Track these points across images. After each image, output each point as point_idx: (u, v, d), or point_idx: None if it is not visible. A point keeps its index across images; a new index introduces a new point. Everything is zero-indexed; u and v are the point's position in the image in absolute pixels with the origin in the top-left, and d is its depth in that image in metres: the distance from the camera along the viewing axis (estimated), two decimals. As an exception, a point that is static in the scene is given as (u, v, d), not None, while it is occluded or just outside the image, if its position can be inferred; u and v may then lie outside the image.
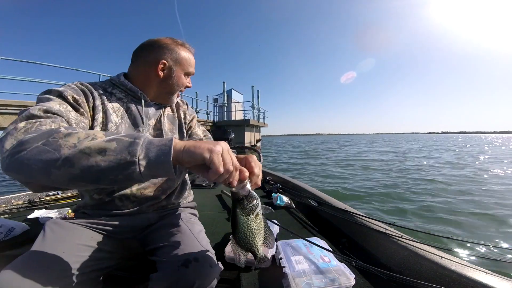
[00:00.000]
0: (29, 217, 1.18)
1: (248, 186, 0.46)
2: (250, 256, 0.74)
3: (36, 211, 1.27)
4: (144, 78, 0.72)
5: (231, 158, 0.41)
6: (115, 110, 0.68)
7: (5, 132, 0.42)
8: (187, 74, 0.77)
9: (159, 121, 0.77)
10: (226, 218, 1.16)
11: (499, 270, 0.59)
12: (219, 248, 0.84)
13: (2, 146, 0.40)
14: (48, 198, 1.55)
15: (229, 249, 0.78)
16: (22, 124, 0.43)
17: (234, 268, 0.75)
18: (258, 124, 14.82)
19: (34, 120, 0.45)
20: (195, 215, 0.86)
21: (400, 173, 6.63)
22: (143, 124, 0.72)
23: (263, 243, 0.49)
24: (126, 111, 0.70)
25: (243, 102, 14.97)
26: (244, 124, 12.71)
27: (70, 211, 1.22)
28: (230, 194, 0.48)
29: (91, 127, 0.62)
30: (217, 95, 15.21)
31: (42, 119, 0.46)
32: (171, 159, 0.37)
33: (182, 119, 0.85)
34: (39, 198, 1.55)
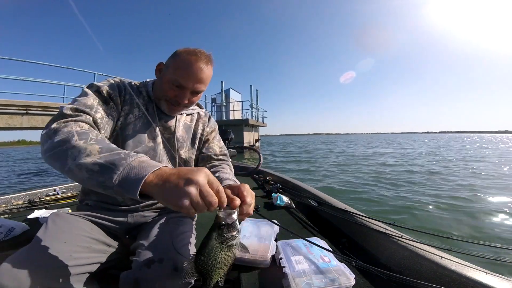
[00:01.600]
0: (29, 217, 1.18)
1: (235, 216, 0.44)
2: (250, 256, 0.75)
3: (36, 211, 1.27)
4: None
5: (214, 189, 0.41)
6: (139, 106, 0.75)
7: (44, 130, 0.53)
8: (177, 84, 0.68)
9: (173, 126, 0.80)
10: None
11: (499, 270, 0.59)
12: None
13: (41, 144, 0.52)
14: (48, 198, 1.55)
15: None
16: (54, 126, 0.53)
17: (234, 268, 0.75)
18: (256, 124, 14.82)
19: (63, 120, 0.55)
20: (190, 218, 0.84)
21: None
22: (154, 123, 0.76)
23: (219, 277, 0.47)
24: (147, 109, 0.76)
25: (242, 101, 14.97)
26: (242, 124, 12.71)
27: (70, 211, 1.22)
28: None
29: (118, 117, 0.72)
30: (215, 94, 15.21)
31: (69, 119, 0.56)
32: (137, 194, 0.39)
33: (199, 131, 0.87)
34: (39, 198, 1.56)
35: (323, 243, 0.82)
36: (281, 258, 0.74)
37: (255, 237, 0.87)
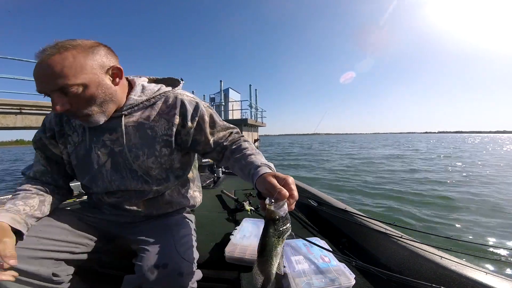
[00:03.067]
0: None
1: (286, 207, 0.43)
2: (250, 256, 0.75)
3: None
4: None
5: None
6: (76, 129, 0.67)
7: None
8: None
9: (120, 135, 0.65)
10: (226, 218, 1.16)
11: (499, 270, 0.59)
12: (219, 248, 0.84)
13: None
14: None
15: (229, 249, 0.78)
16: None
17: (234, 268, 0.75)
18: (256, 124, 14.81)
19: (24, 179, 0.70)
20: (189, 219, 0.80)
21: None
22: (92, 143, 0.66)
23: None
24: (87, 126, 0.65)
25: (241, 101, 14.95)
26: (241, 124, 12.70)
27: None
28: (233, 196, 0.47)
29: (61, 152, 0.70)
30: (214, 94, 15.16)
31: (30, 180, 0.68)
32: None
33: (163, 129, 0.67)
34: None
35: (323, 243, 0.82)
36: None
37: (255, 237, 0.87)
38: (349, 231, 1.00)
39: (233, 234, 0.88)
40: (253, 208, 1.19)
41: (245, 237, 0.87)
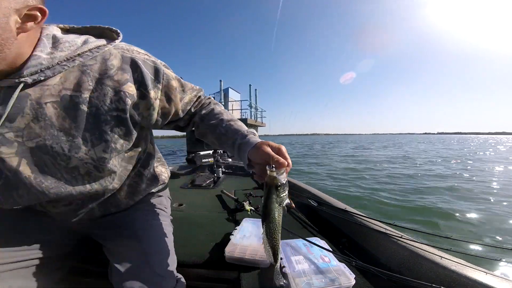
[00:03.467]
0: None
1: (285, 174, 0.45)
2: (250, 256, 0.75)
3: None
4: None
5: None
6: None
7: None
8: None
9: (26, 118, 0.42)
10: (226, 218, 1.16)
11: (499, 270, 0.59)
12: (219, 248, 0.84)
13: None
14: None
15: (229, 249, 0.78)
16: None
17: (234, 268, 0.75)
18: (256, 124, 14.81)
19: None
20: (161, 207, 0.69)
21: None
22: None
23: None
24: None
25: (241, 101, 14.96)
26: (241, 123, 12.69)
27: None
28: (233, 196, 0.48)
29: None
30: (213, 93, 15.16)
31: None
32: None
33: (118, 97, 0.47)
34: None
35: (323, 243, 0.82)
36: (281, 258, 0.74)
37: (255, 237, 0.87)
38: (349, 231, 1.00)
39: (233, 234, 0.88)
40: (253, 208, 1.19)
41: (245, 237, 0.87)
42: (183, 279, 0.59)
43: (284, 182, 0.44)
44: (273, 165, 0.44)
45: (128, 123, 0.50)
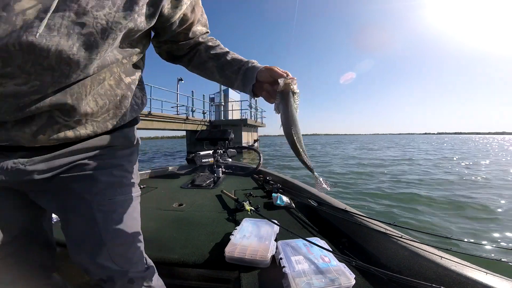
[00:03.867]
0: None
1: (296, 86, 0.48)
2: (250, 256, 0.75)
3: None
4: None
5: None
6: None
7: None
8: None
9: None
10: (226, 218, 1.16)
11: (499, 270, 0.59)
12: (219, 248, 0.84)
13: None
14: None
15: (229, 249, 0.78)
16: None
17: (234, 268, 0.75)
18: (255, 124, 14.81)
19: None
20: (130, 171, 0.55)
21: None
22: None
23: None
24: None
25: (240, 101, 14.97)
26: (241, 124, 12.69)
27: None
28: (233, 196, 0.48)
29: None
30: (213, 94, 15.19)
31: None
32: None
33: None
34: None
35: (323, 243, 0.82)
36: (281, 258, 0.74)
37: (255, 237, 0.87)
38: (349, 231, 1.00)
39: (233, 234, 0.88)
40: (253, 208, 1.19)
41: (245, 237, 0.87)
42: (152, 264, 0.57)
43: (298, 91, 0.47)
44: (287, 76, 0.47)
45: (159, 5, 0.47)
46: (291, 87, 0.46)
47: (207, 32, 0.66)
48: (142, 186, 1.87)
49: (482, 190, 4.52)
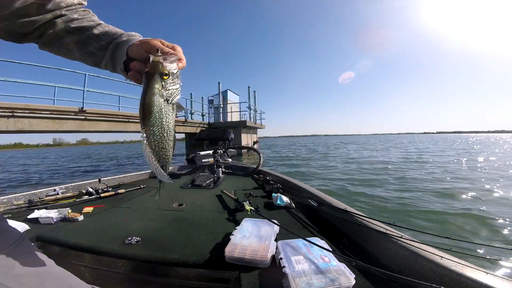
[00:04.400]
0: (29, 217, 1.17)
1: (176, 65, 0.36)
2: (250, 256, 0.75)
3: (36, 211, 1.26)
4: None
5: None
6: None
7: None
8: None
9: None
10: (226, 218, 1.16)
11: (499, 270, 0.59)
12: (219, 248, 0.84)
13: None
14: (48, 198, 1.55)
15: (229, 249, 0.78)
16: None
17: (234, 268, 0.75)
18: (255, 126, 14.80)
19: None
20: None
21: None
22: None
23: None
24: None
25: (239, 103, 14.96)
26: (240, 126, 12.69)
27: (70, 211, 1.22)
28: (233, 196, 0.43)
29: None
30: (212, 96, 15.17)
31: None
32: None
33: None
34: (39, 198, 1.55)
35: (323, 243, 0.82)
36: (281, 258, 0.74)
37: (255, 237, 0.87)
38: (349, 231, 1.00)
39: (233, 234, 0.88)
40: (253, 208, 1.20)
41: (245, 237, 0.87)
42: None
43: (175, 72, 0.35)
44: (160, 51, 0.34)
45: None
46: (160, 67, 0.33)
47: (82, 3, 0.47)
48: (142, 186, 1.88)
49: None
